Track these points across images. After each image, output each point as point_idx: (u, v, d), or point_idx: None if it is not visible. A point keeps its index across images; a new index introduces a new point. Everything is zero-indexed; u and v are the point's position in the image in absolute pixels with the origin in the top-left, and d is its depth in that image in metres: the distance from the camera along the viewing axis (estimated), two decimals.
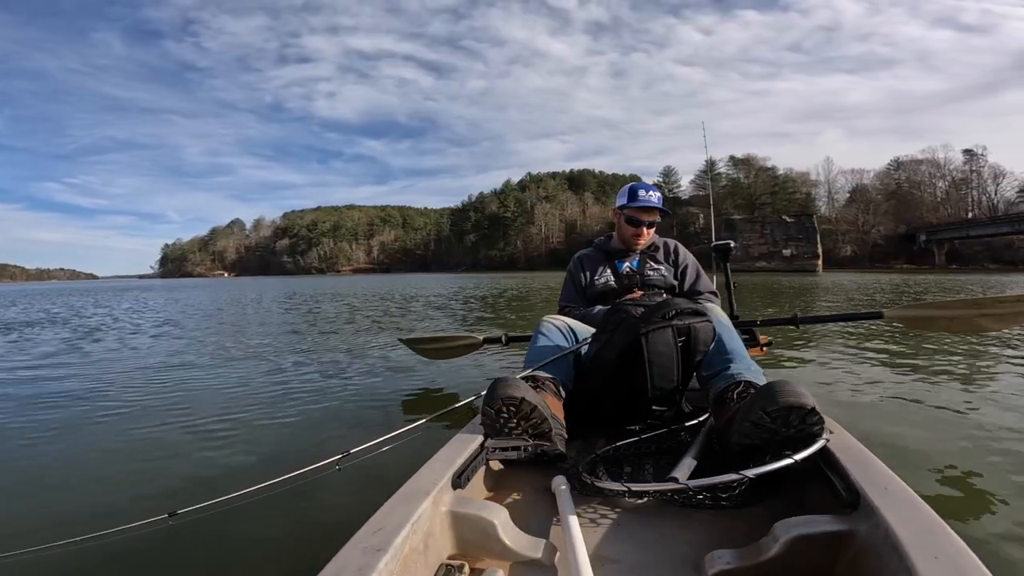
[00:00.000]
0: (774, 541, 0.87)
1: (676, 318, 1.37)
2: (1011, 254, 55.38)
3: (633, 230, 2.04)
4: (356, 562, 0.78)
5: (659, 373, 1.39)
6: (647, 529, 1.08)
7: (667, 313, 1.38)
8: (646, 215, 2.02)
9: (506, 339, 2.96)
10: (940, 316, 2.31)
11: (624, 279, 2.03)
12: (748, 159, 76.23)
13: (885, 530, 0.78)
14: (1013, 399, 2.52)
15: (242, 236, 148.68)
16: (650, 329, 1.36)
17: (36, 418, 2.86)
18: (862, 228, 67.63)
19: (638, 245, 2.08)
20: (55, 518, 1.66)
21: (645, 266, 2.04)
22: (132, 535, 1.42)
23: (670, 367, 1.39)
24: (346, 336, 6.16)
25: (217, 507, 1.42)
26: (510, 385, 1.24)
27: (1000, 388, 2.71)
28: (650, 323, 1.37)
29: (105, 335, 6.88)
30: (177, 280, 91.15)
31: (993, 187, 66.03)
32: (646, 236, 2.07)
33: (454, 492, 1.07)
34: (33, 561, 1.38)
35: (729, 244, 3.01)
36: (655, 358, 1.37)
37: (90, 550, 1.41)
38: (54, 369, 4.42)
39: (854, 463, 1.01)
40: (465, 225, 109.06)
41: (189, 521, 1.42)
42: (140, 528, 1.41)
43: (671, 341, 1.38)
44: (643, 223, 2.03)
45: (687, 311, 1.39)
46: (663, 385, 1.41)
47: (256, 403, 3.06)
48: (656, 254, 2.08)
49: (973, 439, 2.04)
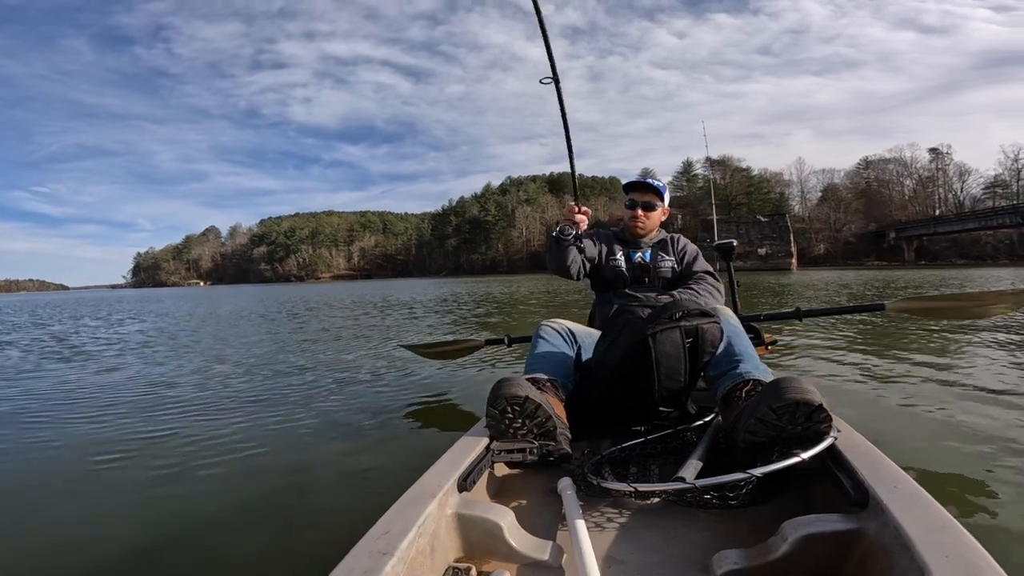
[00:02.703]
0: (782, 540, 0.87)
1: (684, 319, 1.35)
2: (978, 249, 57.44)
3: (630, 212, 2.08)
4: (362, 566, 0.78)
5: (666, 374, 1.36)
6: (653, 530, 1.08)
7: (674, 314, 1.35)
8: (639, 194, 2.07)
9: (508, 340, 2.95)
10: (940, 307, 2.37)
11: (636, 269, 2.04)
12: (724, 160, 77.63)
13: (895, 528, 0.77)
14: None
15: (218, 244, 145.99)
16: (657, 330, 1.34)
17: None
18: (834, 227, 69.41)
19: (637, 227, 2.08)
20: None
21: (657, 258, 2.06)
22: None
23: (677, 368, 1.36)
24: (342, 347, 6.02)
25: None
26: (513, 384, 1.23)
27: (1011, 385, 2.66)
28: (657, 324, 1.35)
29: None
30: (151, 290, 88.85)
31: (959, 184, 68.60)
32: (643, 219, 2.08)
33: (460, 495, 1.07)
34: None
35: (732, 243, 2.99)
36: (663, 359, 1.35)
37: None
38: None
39: (862, 461, 0.99)
40: (446, 230, 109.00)
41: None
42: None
43: (679, 342, 1.35)
44: (637, 204, 2.06)
45: (695, 312, 1.37)
46: (670, 386, 1.39)
47: (258, 414, 2.96)
48: (666, 248, 2.10)
49: (983, 436, 2.02)
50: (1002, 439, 1.99)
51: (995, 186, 65.04)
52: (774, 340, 2.51)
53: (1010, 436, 2.00)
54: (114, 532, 1.64)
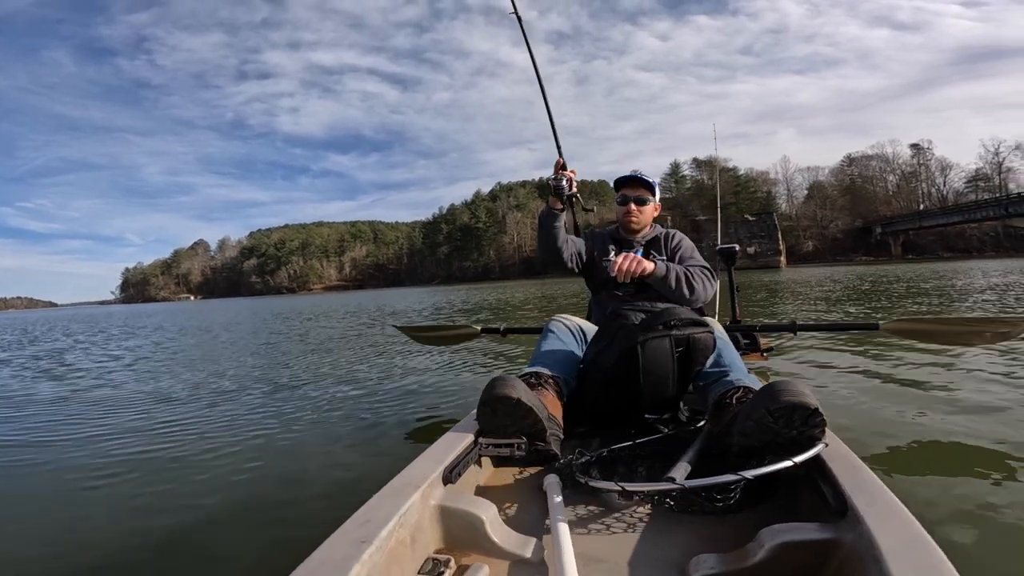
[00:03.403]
0: (759, 547, 0.87)
1: (676, 328, 1.36)
2: (964, 242, 58.38)
3: (623, 208, 2.07)
4: (340, 552, 0.78)
5: (653, 382, 1.37)
6: (636, 531, 1.08)
7: (668, 321, 1.36)
8: (630, 189, 2.07)
9: (504, 330, 2.93)
10: (934, 331, 2.32)
11: None
12: (711, 160, 78.24)
13: (869, 539, 0.78)
14: (1010, 413, 2.41)
15: (207, 257, 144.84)
16: (648, 338, 1.34)
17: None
18: (821, 223, 70.24)
19: (631, 222, 2.07)
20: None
21: (649, 257, 2.01)
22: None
23: (665, 376, 1.37)
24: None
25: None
26: (507, 385, 1.21)
27: (1004, 401, 2.59)
28: (649, 332, 1.35)
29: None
30: (140, 305, 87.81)
31: (941, 179, 69.76)
32: (636, 214, 2.06)
33: (444, 487, 1.07)
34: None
35: (735, 248, 2.97)
36: (651, 367, 1.36)
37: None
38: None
39: (844, 471, 0.99)
40: (437, 238, 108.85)
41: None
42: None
43: (668, 350, 1.35)
44: (629, 199, 2.05)
45: (687, 321, 1.37)
46: (657, 395, 1.40)
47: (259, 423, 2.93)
48: (658, 246, 2.08)
49: (970, 451, 2.01)
50: (991, 456, 1.96)
51: (977, 179, 66.19)
52: (770, 347, 2.50)
53: (999, 453, 1.97)
54: (103, 536, 1.67)
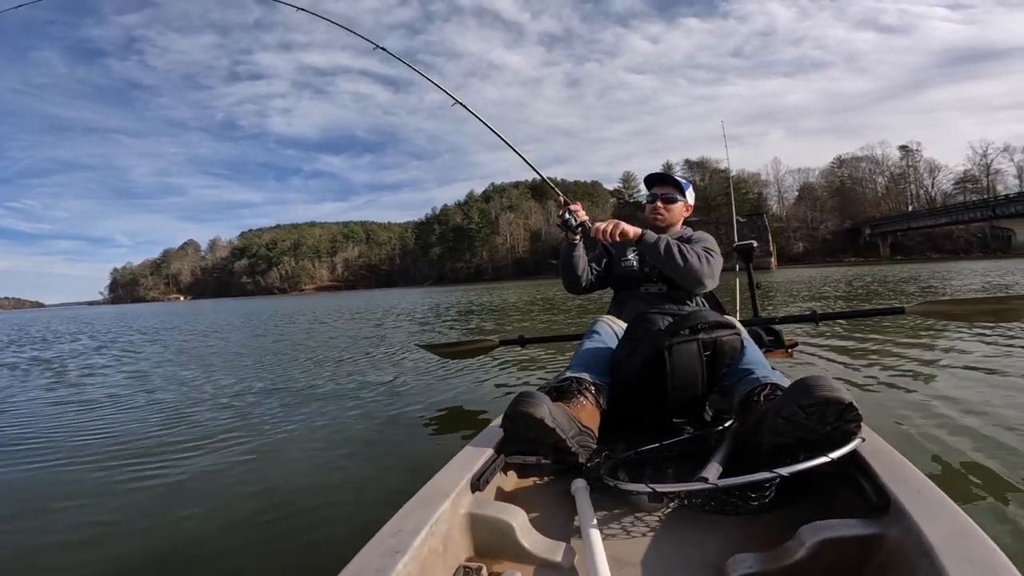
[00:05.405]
0: (800, 545, 0.85)
1: (703, 331, 1.35)
2: (951, 243, 59.16)
3: (650, 205, 2.09)
4: (375, 564, 0.78)
5: (680, 386, 1.37)
6: (668, 533, 1.06)
7: (695, 325, 1.35)
8: (658, 187, 2.09)
9: (523, 341, 2.90)
10: (962, 311, 2.30)
11: (647, 266, 1.99)
12: (703, 162, 78.77)
13: (916, 534, 0.76)
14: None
15: (197, 258, 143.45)
16: (675, 343, 1.34)
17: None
18: (811, 225, 70.90)
19: (657, 220, 2.06)
20: None
21: None
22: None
23: (693, 380, 1.37)
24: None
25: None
26: (532, 403, 1.18)
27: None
28: (676, 336, 1.34)
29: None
30: (129, 306, 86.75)
31: (930, 180, 70.75)
32: (663, 211, 2.05)
33: (472, 495, 1.07)
34: None
35: (751, 244, 2.94)
36: (678, 371, 1.35)
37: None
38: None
39: (884, 465, 0.97)
40: (430, 238, 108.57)
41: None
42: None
43: (696, 354, 1.35)
44: (657, 196, 2.06)
45: (714, 323, 1.37)
46: (684, 398, 1.39)
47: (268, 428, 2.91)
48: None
49: (1013, 442, 1.96)
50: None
51: (965, 181, 67.14)
52: (795, 343, 2.44)
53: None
54: (130, 540, 1.67)
